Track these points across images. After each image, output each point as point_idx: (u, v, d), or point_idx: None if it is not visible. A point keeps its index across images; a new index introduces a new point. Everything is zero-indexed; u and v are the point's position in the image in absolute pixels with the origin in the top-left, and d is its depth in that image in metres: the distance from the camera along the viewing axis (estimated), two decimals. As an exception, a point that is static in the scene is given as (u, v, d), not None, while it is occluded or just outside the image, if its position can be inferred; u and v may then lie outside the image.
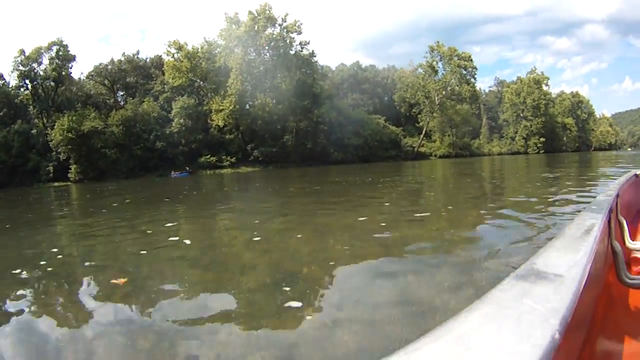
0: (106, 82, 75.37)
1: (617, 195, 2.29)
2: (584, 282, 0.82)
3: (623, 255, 1.75)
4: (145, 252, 6.29)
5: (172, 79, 65.92)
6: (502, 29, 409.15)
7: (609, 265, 1.71)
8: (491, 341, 0.53)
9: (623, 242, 2.18)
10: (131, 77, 75.88)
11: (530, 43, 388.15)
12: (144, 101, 68.70)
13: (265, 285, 4.32)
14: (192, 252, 6.21)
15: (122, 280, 4.61)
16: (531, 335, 0.55)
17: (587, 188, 12.03)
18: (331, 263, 4.88)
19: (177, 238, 7.14)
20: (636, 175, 3.56)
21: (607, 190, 2.39)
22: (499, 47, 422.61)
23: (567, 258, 0.93)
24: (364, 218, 8.28)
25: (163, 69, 68.83)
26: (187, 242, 6.97)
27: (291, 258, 5.46)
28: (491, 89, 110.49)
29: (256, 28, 65.27)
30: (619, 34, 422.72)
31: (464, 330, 0.56)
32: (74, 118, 61.40)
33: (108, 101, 74.40)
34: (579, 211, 1.72)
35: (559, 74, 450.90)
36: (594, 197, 2.37)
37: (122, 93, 77.06)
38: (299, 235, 6.88)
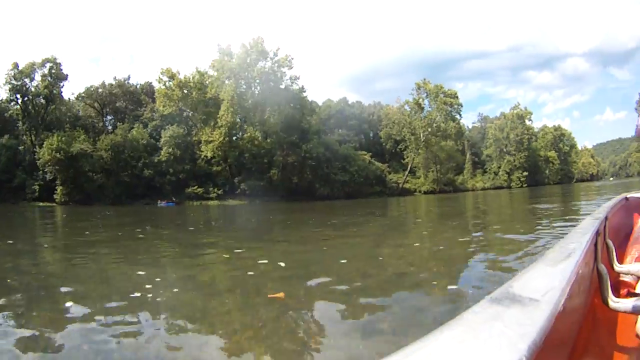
0: (96, 104, 75.53)
1: (606, 218, 2.33)
2: (561, 306, 0.81)
3: (609, 278, 1.78)
4: (252, 273, 6.89)
5: (163, 106, 66.02)
6: (485, 65, 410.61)
7: (594, 288, 1.73)
8: None
9: (610, 265, 2.20)
10: (121, 101, 75.97)
11: (512, 78, 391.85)
12: (133, 127, 68.77)
13: (415, 283, 5.99)
14: (296, 271, 6.98)
15: (280, 295, 5.12)
16: (497, 359, 0.54)
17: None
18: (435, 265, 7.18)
19: (266, 261, 7.62)
20: (626, 198, 3.57)
21: (595, 213, 2.41)
22: (481, 83, 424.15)
23: (545, 282, 0.90)
24: (417, 244, 10.37)
25: (155, 95, 68.97)
26: (282, 264, 7.40)
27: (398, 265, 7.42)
28: (475, 124, 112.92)
29: (248, 61, 66.22)
30: (599, 66, 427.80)
31: (432, 350, 0.55)
32: (63, 139, 61.19)
33: (96, 124, 74.43)
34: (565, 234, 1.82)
35: (541, 108, 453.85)
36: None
37: (110, 117, 77.27)
38: (380, 258, 8.03)
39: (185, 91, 66.43)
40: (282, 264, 7.41)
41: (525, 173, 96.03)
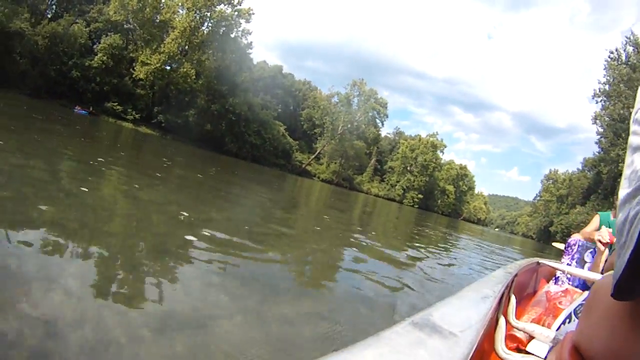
0: (47, -15, 71.66)
1: (516, 275, 2.51)
2: (475, 346, 0.80)
3: (505, 329, 1.88)
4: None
5: (114, 12, 65.42)
6: (417, 85, 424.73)
7: (490, 334, 1.81)
8: None
9: (507, 318, 2.30)
10: (73, -9, 72.74)
11: (437, 106, 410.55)
12: (77, 22, 66.99)
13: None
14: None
15: None
16: None
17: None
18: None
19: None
20: (538, 263, 3.73)
21: (508, 268, 2.58)
22: (406, 99, 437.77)
23: (462, 319, 0.91)
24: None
25: (108, -3, 67.46)
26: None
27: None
28: (388, 134, 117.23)
29: (212, -1, 67.34)
30: (522, 129, 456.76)
31: None
32: (5, 11, 57.23)
33: (39, 7, 69.57)
34: (477, 278, 2.00)
35: (453, 143, 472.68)
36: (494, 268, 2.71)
37: (54, 4, 72.77)
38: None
39: (141, 5, 65.91)
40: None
41: (421, 195, 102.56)
